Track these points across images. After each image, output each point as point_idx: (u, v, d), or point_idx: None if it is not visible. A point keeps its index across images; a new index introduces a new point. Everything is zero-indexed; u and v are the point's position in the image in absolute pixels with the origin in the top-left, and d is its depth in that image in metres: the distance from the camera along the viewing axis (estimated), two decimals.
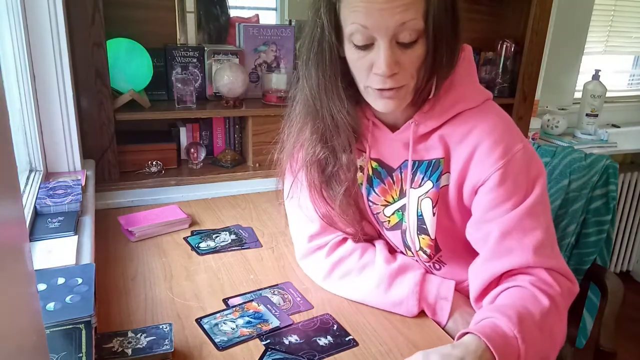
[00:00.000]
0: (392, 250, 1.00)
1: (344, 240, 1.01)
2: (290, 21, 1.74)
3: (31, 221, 1.00)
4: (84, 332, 0.67)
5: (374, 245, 1.01)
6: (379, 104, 0.83)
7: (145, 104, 1.47)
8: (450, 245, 0.94)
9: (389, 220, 0.96)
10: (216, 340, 0.82)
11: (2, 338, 0.38)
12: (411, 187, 0.91)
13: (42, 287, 0.75)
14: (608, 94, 2.22)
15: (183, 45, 1.59)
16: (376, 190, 0.96)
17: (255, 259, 1.10)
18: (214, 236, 1.19)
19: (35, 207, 1.03)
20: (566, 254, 1.23)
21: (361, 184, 0.96)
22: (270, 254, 1.12)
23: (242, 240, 1.17)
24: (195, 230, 1.22)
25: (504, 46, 1.85)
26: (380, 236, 1.04)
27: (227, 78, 1.50)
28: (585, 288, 1.22)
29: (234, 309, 0.91)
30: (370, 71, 0.79)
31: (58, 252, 0.89)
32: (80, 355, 0.63)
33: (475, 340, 0.70)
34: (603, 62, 2.42)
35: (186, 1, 1.58)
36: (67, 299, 0.72)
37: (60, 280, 0.77)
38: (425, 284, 0.92)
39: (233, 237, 1.19)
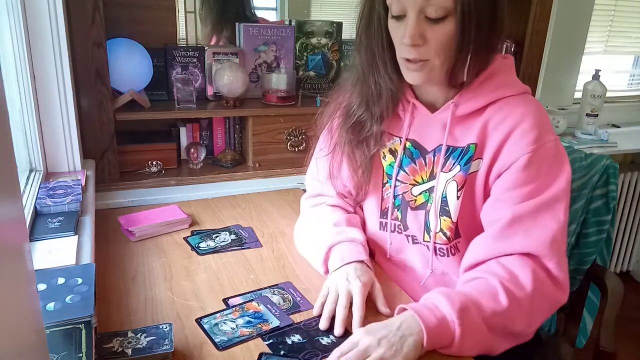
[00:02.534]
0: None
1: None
2: (290, 21, 1.74)
3: (31, 221, 1.00)
4: (84, 332, 0.67)
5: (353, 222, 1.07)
6: (408, 75, 0.89)
7: (145, 104, 1.47)
8: (468, 234, 0.95)
9: (415, 200, 0.98)
10: (216, 340, 0.82)
11: (2, 338, 0.38)
12: (442, 171, 0.94)
13: (42, 287, 0.75)
14: (608, 94, 2.22)
15: (183, 45, 1.59)
16: (406, 169, 0.99)
17: (255, 259, 1.10)
18: (214, 236, 1.19)
19: (35, 207, 1.03)
20: (566, 254, 1.22)
21: (390, 165, 1.00)
22: (270, 254, 1.12)
23: (242, 240, 1.17)
24: (195, 230, 1.22)
25: (504, 46, 1.85)
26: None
27: (227, 78, 1.50)
28: (585, 288, 1.22)
29: (234, 308, 0.91)
30: (401, 41, 0.86)
31: (58, 252, 0.89)
32: (80, 355, 0.63)
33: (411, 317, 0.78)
34: (603, 62, 2.42)
35: (186, 1, 1.58)
36: (67, 299, 0.72)
37: (60, 280, 0.77)
38: (332, 251, 0.99)
39: (233, 237, 1.19)
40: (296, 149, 1.62)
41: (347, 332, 0.84)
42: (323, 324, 0.86)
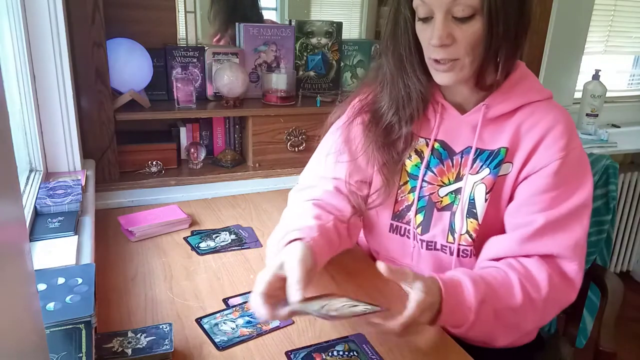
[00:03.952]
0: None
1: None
2: (290, 21, 1.74)
3: (31, 221, 1.00)
4: (84, 332, 0.67)
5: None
6: (437, 76, 0.89)
7: (145, 104, 1.47)
8: (489, 236, 0.95)
9: (442, 201, 0.98)
10: (216, 340, 0.82)
11: (2, 338, 0.38)
12: (469, 173, 0.94)
13: (42, 287, 0.75)
14: (608, 94, 2.22)
15: (183, 45, 1.59)
16: (434, 170, 0.98)
17: (255, 259, 1.10)
18: (214, 236, 1.19)
19: (35, 207, 1.03)
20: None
21: (415, 165, 0.99)
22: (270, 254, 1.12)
23: (242, 240, 1.17)
24: (195, 230, 1.22)
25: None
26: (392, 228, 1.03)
27: (227, 78, 1.50)
28: (585, 288, 1.22)
29: (234, 309, 0.91)
30: (429, 43, 0.86)
31: (58, 252, 0.89)
32: (80, 355, 0.63)
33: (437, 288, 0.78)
34: (603, 62, 2.42)
35: (186, 1, 1.58)
36: (67, 299, 0.72)
37: (60, 280, 0.77)
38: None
39: (233, 237, 1.19)
40: (296, 149, 1.62)
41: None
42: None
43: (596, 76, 2.17)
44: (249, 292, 0.96)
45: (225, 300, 0.94)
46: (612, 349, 1.00)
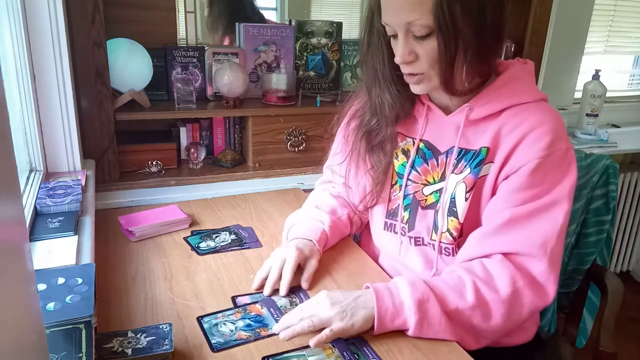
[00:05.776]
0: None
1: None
2: (290, 21, 1.74)
3: (31, 221, 1.00)
4: (84, 332, 0.67)
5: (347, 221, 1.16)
6: (412, 88, 0.93)
7: (145, 104, 1.47)
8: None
9: (426, 199, 1.00)
10: (212, 342, 0.82)
11: (2, 338, 0.38)
12: (452, 173, 0.95)
13: (42, 287, 0.75)
14: (608, 94, 2.22)
15: (183, 45, 1.59)
16: (418, 169, 1.00)
17: (255, 259, 1.10)
18: (214, 236, 1.19)
19: (35, 207, 1.03)
20: (566, 254, 1.23)
21: (402, 165, 1.02)
22: (270, 254, 1.12)
23: (242, 240, 1.17)
24: (195, 230, 1.21)
25: (504, 46, 1.85)
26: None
27: (227, 78, 1.50)
28: (585, 288, 1.22)
29: (236, 310, 0.91)
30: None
31: (58, 252, 0.89)
32: (80, 355, 0.63)
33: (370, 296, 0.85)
34: (603, 62, 2.42)
35: (186, 1, 1.58)
36: (67, 299, 0.72)
37: (60, 280, 0.77)
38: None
39: (233, 237, 1.19)
40: (296, 149, 1.62)
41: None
42: (265, 292, 0.96)
43: (596, 76, 2.16)
44: (256, 293, 0.97)
45: (233, 298, 0.94)
46: (612, 349, 0.99)
